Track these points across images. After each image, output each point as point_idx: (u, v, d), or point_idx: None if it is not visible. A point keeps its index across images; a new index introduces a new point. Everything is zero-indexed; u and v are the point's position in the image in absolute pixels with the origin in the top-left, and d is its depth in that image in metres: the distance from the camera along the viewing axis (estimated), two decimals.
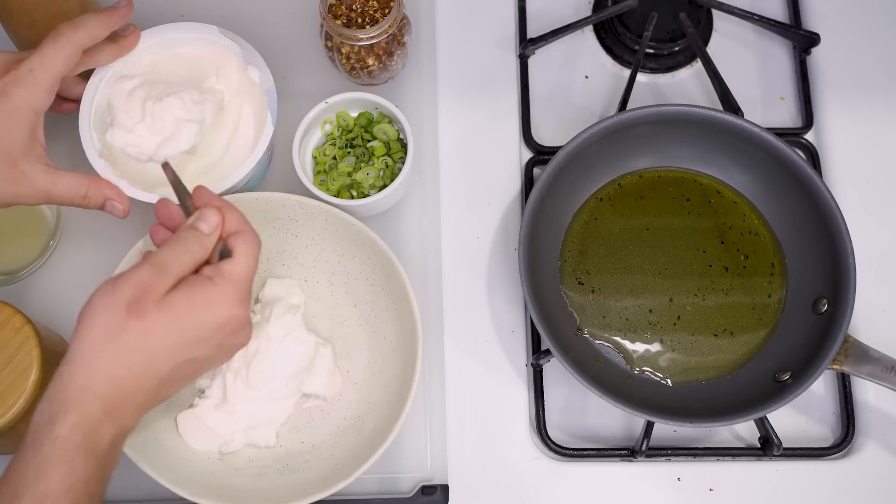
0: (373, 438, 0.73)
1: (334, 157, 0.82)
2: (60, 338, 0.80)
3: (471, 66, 0.91)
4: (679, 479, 0.79)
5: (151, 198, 0.74)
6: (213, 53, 0.79)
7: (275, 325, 0.77)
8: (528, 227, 0.77)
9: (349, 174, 0.81)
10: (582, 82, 0.91)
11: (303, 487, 0.72)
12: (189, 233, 0.62)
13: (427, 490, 0.77)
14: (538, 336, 0.81)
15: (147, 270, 0.58)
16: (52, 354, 0.74)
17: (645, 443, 0.76)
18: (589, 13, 0.92)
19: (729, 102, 0.84)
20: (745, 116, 0.81)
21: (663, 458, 0.79)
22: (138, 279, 0.58)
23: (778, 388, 0.75)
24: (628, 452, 0.78)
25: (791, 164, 0.79)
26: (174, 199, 0.66)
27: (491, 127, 0.89)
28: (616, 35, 0.91)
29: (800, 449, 0.79)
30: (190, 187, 0.65)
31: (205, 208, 0.63)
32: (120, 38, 0.76)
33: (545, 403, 0.80)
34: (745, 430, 0.80)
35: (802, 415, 0.81)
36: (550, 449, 0.79)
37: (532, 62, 0.91)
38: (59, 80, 0.70)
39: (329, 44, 0.84)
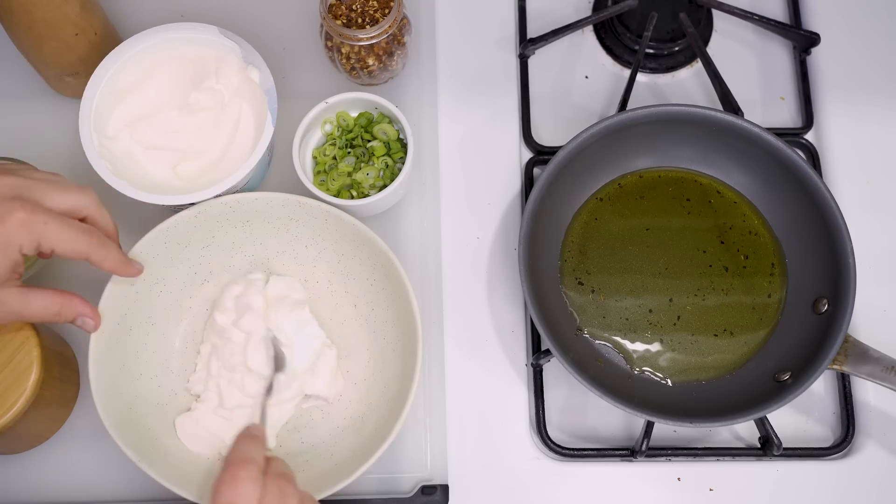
0: (373, 438, 0.73)
1: (334, 157, 0.82)
2: (60, 338, 0.80)
3: (471, 66, 0.90)
4: (679, 479, 0.79)
5: (151, 198, 0.74)
6: (213, 53, 0.79)
7: (283, 325, 0.77)
8: (528, 227, 0.77)
9: (349, 174, 0.81)
10: (582, 82, 0.91)
11: (303, 487, 0.72)
12: None
13: (427, 490, 0.77)
14: (538, 336, 0.81)
15: None
16: (52, 354, 0.74)
17: (645, 443, 0.76)
18: (589, 13, 0.92)
19: (729, 102, 0.84)
20: (745, 116, 0.81)
21: (663, 458, 0.79)
22: None
23: (778, 388, 0.75)
24: (628, 452, 0.78)
25: (791, 164, 0.79)
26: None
27: (491, 127, 0.88)
28: (616, 35, 0.91)
29: (800, 449, 0.79)
30: (190, 186, 0.62)
31: None
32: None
33: (545, 403, 0.80)
34: (745, 430, 0.80)
35: (802, 415, 0.81)
36: (550, 449, 0.79)
37: (532, 62, 0.91)
38: None
39: (329, 44, 0.84)
